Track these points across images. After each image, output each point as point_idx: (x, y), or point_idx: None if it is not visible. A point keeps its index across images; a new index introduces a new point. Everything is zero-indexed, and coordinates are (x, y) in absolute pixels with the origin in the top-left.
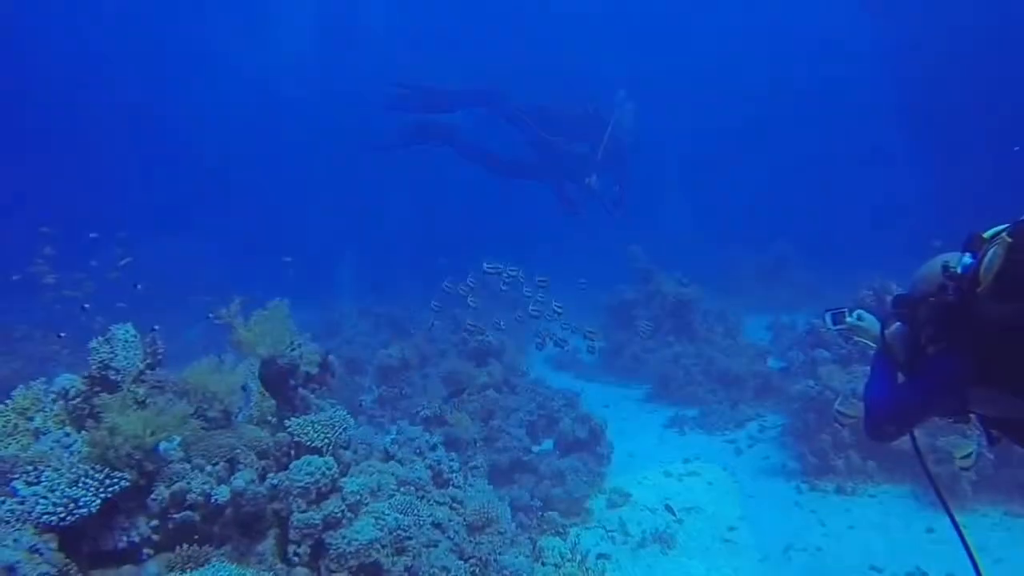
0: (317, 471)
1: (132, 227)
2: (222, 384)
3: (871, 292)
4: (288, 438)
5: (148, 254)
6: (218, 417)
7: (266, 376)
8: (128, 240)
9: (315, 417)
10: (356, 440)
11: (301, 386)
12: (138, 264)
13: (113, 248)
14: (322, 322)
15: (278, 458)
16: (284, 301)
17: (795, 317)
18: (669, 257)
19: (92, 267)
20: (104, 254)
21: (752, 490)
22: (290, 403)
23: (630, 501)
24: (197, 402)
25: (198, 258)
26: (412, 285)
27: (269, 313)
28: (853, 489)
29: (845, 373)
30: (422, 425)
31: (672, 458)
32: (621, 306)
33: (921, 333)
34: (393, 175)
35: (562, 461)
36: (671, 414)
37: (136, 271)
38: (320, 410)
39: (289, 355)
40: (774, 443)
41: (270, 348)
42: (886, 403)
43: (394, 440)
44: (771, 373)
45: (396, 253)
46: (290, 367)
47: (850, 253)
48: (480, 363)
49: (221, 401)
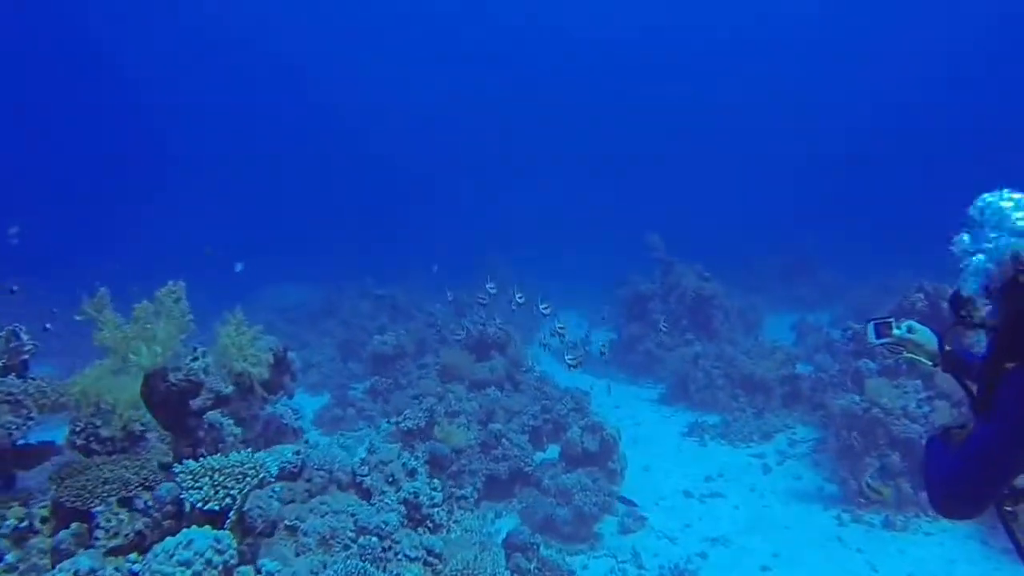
0: (197, 558)
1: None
2: (124, 393)
3: (922, 296)
4: (169, 493)
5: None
6: (117, 438)
7: (151, 396)
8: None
9: (218, 461)
10: (312, 465)
11: (210, 408)
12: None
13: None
14: (320, 300)
15: (157, 520)
16: (179, 286)
17: (819, 317)
18: (687, 248)
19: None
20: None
21: (786, 518)
22: (190, 434)
23: (645, 526)
24: (88, 418)
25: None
26: (418, 268)
27: (156, 305)
28: (904, 524)
29: (894, 387)
30: (401, 441)
31: (693, 474)
32: (635, 298)
33: (996, 345)
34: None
35: (569, 476)
36: (690, 420)
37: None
38: (239, 445)
39: (188, 367)
40: (806, 460)
41: (154, 356)
42: (957, 474)
43: (364, 461)
44: (800, 380)
45: (405, 236)
46: (189, 384)
47: (876, 251)
48: (481, 356)
49: (122, 416)
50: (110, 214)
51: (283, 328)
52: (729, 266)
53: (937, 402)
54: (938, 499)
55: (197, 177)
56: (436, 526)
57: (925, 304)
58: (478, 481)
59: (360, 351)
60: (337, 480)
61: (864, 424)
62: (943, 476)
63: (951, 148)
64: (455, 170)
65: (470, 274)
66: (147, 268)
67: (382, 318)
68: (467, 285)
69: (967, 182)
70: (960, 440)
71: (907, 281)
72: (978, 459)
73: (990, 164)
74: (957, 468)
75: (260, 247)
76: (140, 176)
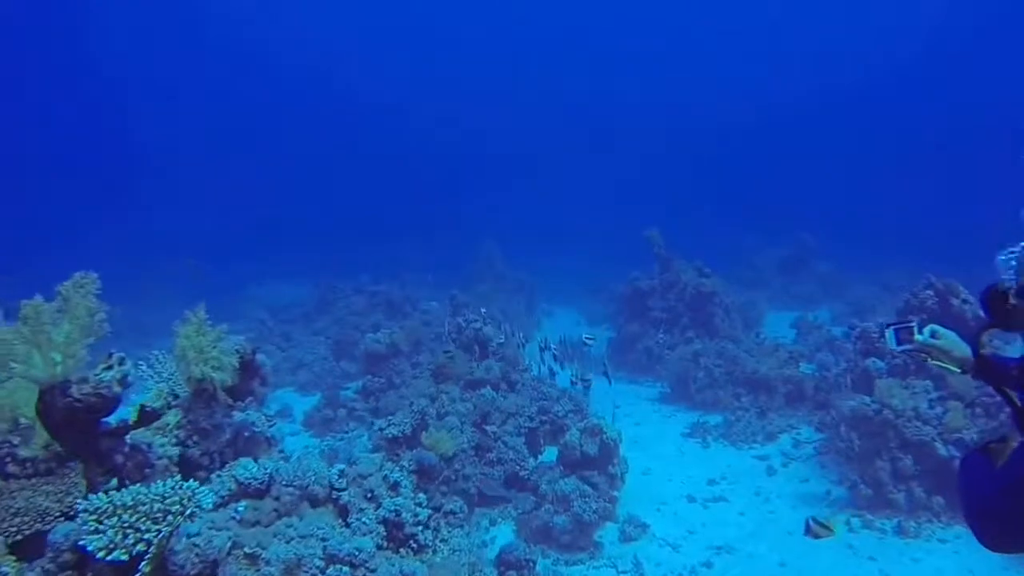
0: None
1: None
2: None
3: (932, 293)
4: (66, 538)
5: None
6: (39, 458)
7: (48, 415)
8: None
9: (133, 495)
10: (281, 480)
11: (132, 428)
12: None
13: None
14: (314, 298)
15: (51, 573)
16: (89, 278)
17: (819, 313)
18: (687, 244)
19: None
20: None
21: (793, 524)
22: (104, 460)
23: (647, 533)
24: (3, 435)
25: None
26: (415, 264)
27: (59, 302)
28: (917, 530)
29: (904, 388)
30: (385, 449)
31: (695, 477)
32: (634, 295)
33: None
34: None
35: (567, 481)
36: (691, 420)
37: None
38: (172, 468)
39: (98, 378)
40: (812, 462)
41: (50, 366)
42: (1005, 510)
43: (343, 474)
44: (804, 379)
45: (401, 230)
46: (98, 398)
47: (875, 246)
48: (476, 355)
49: (43, 435)
50: (111, 215)
51: (274, 327)
52: (725, 261)
53: (950, 403)
54: (985, 535)
55: (195, 174)
56: (420, 547)
57: (935, 301)
58: (472, 487)
59: (353, 350)
60: (312, 496)
61: (875, 427)
62: (987, 508)
63: (948, 142)
64: (455, 164)
65: (466, 267)
66: (142, 263)
67: (377, 315)
68: (463, 279)
69: (968, 178)
70: (1002, 458)
71: (909, 277)
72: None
73: (988, 160)
74: (1005, 505)
75: (256, 245)
76: (130, 173)
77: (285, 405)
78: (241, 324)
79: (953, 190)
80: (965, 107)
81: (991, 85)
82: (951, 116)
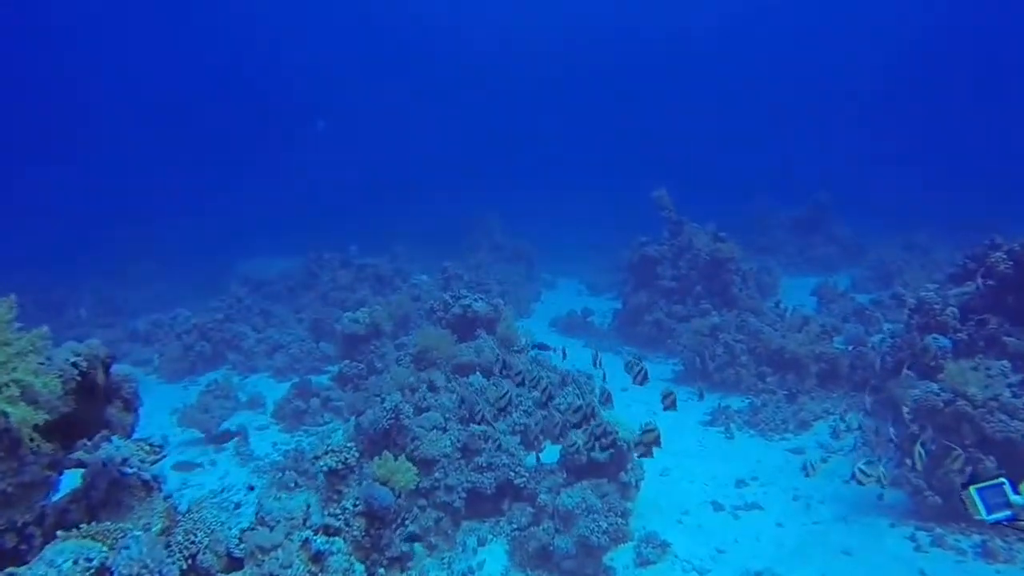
0: None
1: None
2: None
3: (1003, 255)
4: None
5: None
6: None
7: None
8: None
9: None
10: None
11: None
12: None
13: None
14: (298, 271)
15: None
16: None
17: (839, 279)
18: (697, 206)
19: None
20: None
21: (843, 540)
22: None
23: (668, 554)
24: None
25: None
26: (408, 234)
27: None
28: (1009, 552)
29: (976, 371)
30: (324, 485)
31: (720, 476)
32: (642, 262)
33: None
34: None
35: (571, 491)
36: (711, 404)
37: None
38: None
39: None
40: (856, 457)
41: None
42: None
43: (242, 538)
44: (838, 356)
45: (395, 200)
46: None
47: (893, 205)
48: (464, 336)
49: None
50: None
51: (252, 304)
52: (736, 223)
53: None
54: None
55: (190, 147)
56: None
57: (1009, 265)
58: (456, 499)
59: (334, 329)
60: None
61: (944, 420)
62: None
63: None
64: (456, 135)
65: (464, 238)
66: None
67: (363, 290)
68: (459, 252)
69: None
70: None
71: (934, 237)
72: None
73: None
74: None
75: (247, 221)
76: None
77: (257, 393)
78: (216, 301)
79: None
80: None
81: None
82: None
